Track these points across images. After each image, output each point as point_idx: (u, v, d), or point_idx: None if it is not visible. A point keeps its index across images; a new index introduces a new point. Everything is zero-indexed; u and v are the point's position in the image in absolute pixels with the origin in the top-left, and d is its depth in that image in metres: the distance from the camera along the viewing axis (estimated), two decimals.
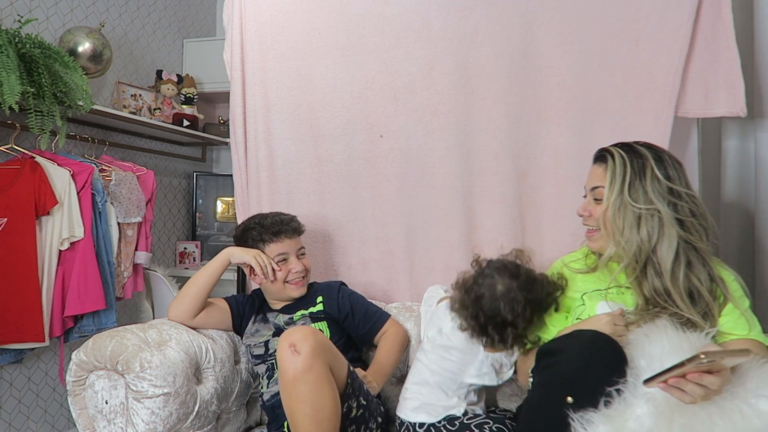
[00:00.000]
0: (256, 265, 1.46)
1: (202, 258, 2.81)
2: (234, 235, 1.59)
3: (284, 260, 1.51)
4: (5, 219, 1.72)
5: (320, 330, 1.47)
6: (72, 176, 1.84)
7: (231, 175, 1.95)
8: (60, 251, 1.83)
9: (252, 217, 1.58)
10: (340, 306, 1.54)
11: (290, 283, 1.52)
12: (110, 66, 2.18)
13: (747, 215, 1.77)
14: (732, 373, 0.93)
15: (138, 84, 2.51)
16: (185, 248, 2.79)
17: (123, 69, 2.45)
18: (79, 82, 1.79)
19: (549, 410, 1.01)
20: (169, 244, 2.77)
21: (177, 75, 2.60)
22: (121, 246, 2.06)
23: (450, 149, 1.69)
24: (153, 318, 2.25)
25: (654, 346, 0.99)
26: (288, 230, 1.52)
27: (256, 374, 1.52)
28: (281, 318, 1.53)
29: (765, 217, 1.65)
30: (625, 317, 1.14)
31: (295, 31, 1.79)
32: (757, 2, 1.64)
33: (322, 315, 1.52)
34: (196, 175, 2.85)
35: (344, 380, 1.21)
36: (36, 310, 1.74)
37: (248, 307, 1.57)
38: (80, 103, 1.82)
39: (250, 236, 1.52)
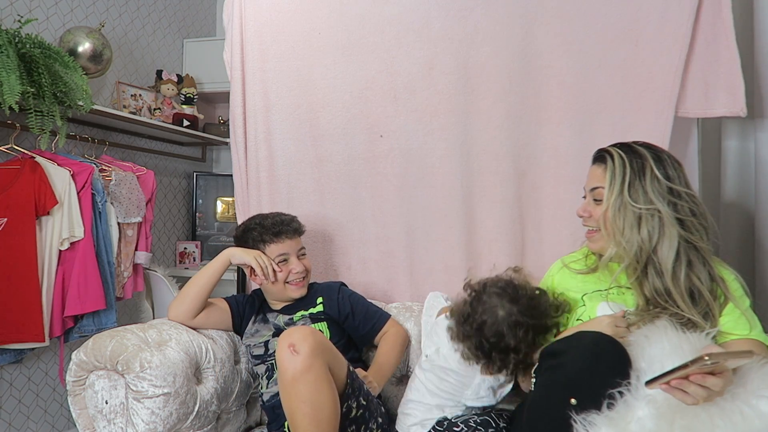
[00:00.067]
0: (257, 266, 1.46)
1: (202, 258, 2.81)
2: (234, 236, 1.59)
3: (285, 261, 1.51)
4: (5, 219, 1.72)
5: (320, 330, 1.47)
6: (72, 176, 1.83)
7: (231, 175, 1.95)
8: (60, 251, 1.83)
9: (252, 218, 1.58)
10: (340, 307, 1.54)
11: (290, 284, 1.52)
12: (110, 66, 2.18)
13: (747, 215, 1.76)
14: (733, 374, 0.93)
15: (138, 84, 2.51)
16: (185, 248, 2.79)
17: (123, 69, 2.45)
18: (79, 82, 1.79)
19: (552, 411, 1.01)
20: (169, 244, 2.77)
21: (177, 75, 2.60)
22: (121, 246, 2.06)
23: (450, 149, 1.69)
24: (153, 318, 2.24)
25: (654, 348, 0.99)
26: (288, 231, 1.52)
27: (256, 374, 1.52)
28: (281, 318, 1.53)
29: (765, 217, 1.65)
30: (626, 318, 1.14)
31: (295, 31, 1.79)
32: (757, 2, 1.64)
33: (322, 316, 1.52)
34: (196, 175, 2.84)
35: (344, 380, 1.21)
36: (36, 310, 1.74)
37: (248, 308, 1.57)
38: (80, 103, 1.82)
39: (251, 236, 1.52)
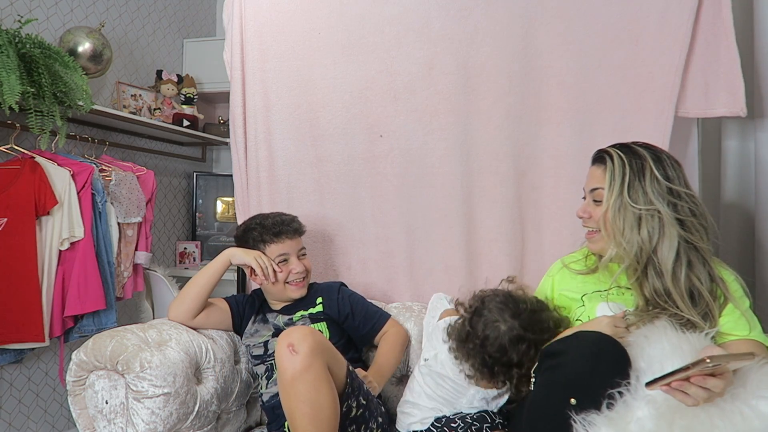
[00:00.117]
0: (257, 267, 1.46)
1: (202, 258, 2.81)
2: (235, 235, 1.59)
3: (285, 261, 1.51)
4: (5, 219, 1.72)
5: (319, 331, 1.47)
6: (72, 176, 1.83)
7: (231, 175, 1.95)
8: (60, 251, 1.83)
9: (253, 217, 1.58)
10: (340, 307, 1.54)
11: (291, 284, 1.52)
12: (110, 66, 2.18)
13: (747, 215, 1.76)
14: (733, 375, 0.93)
15: (138, 84, 2.51)
16: (185, 248, 2.79)
17: (123, 69, 2.45)
18: (79, 82, 1.79)
19: (552, 411, 1.01)
20: (169, 244, 2.77)
21: (177, 75, 2.60)
22: (121, 246, 2.06)
23: (450, 149, 1.69)
24: (153, 318, 2.25)
25: (654, 348, 0.99)
26: (289, 231, 1.52)
27: (256, 374, 1.52)
28: (281, 319, 1.53)
29: (765, 218, 1.65)
30: (626, 318, 1.14)
31: (295, 31, 1.79)
32: (757, 2, 1.64)
33: (322, 316, 1.52)
34: (196, 175, 2.84)
35: (343, 380, 1.21)
36: (36, 310, 1.74)
37: (248, 308, 1.57)
38: (80, 103, 1.82)
39: (251, 236, 1.52)
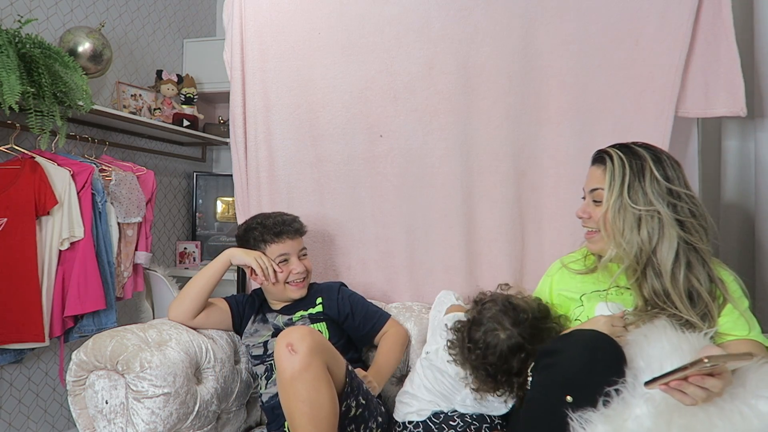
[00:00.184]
0: (257, 267, 1.46)
1: (202, 258, 2.81)
2: (236, 235, 1.59)
3: (285, 261, 1.51)
4: (5, 219, 1.72)
5: (319, 331, 1.47)
6: (72, 176, 1.84)
7: (231, 175, 1.95)
8: (60, 251, 1.83)
9: (254, 217, 1.58)
10: (340, 307, 1.54)
11: (291, 284, 1.52)
12: (110, 66, 2.18)
13: (747, 215, 1.76)
14: (732, 375, 0.93)
15: (138, 84, 2.51)
16: (185, 248, 2.79)
17: (123, 69, 2.45)
18: (79, 82, 1.79)
19: (549, 409, 1.01)
20: (169, 244, 2.77)
21: (177, 75, 2.60)
22: (121, 246, 2.06)
23: (450, 149, 1.69)
24: (153, 318, 2.25)
25: (653, 347, 0.99)
26: (290, 231, 1.52)
27: (256, 374, 1.52)
28: (280, 319, 1.53)
29: (765, 218, 1.65)
30: (625, 318, 1.14)
31: (295, 31, 1.79)
32: (757, 2, 1.64)
33: (322, 316, 1.52)
34: (196, 175, 2.84)
35: (342, 379, 1.21)
36: (36, 310, 1.74)
37: (248, 307, 1.57)
38: (80, 103, 1.82)
39: (252, 236, 1.52)
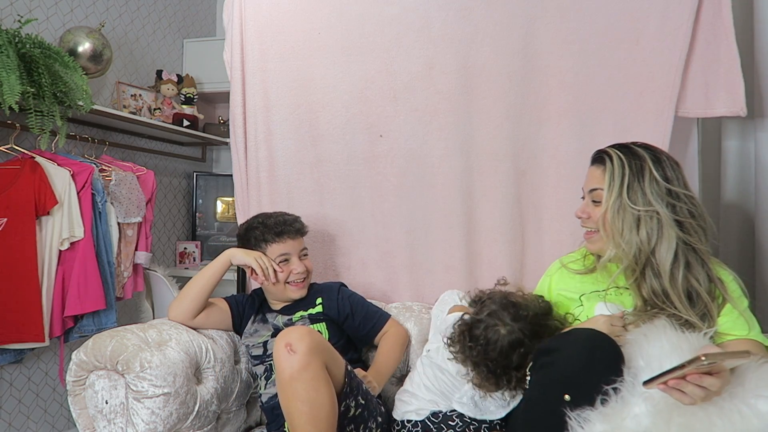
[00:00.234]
0: (257, 267, 1.46)
1: (202, 258, 2.81)
2: (237, 234, 1.59)
3: (286, 261, 1.51)
4: (5, 219, 1.72)
5: (319, 331, 1.46)
6: (72, 176, 1.84)
7: (231, 175, 1.95)
8: (60, 251, 1.83)
9: (256, 216, 1.58)
10: (340, 307, 1.54)
11: (291, 285, 1.52)
12: (110, 66, 2.18)
13: (747, 216, 1.76)
14: (731, 374, 0.93)
15: (138, 84, 2.51)
16: (185, 248, 2.79)
17: (123, 69, 2.45)
18: (79, 82, 1.79)
19: (547, 408, 1.01)
20: (169, 244, 2.77)
21: (177, 75, 2.60)
22: (121, 246, 2.06)
23: (450, 149, 1.69)
24: (153, 318, 2.25)
25: (653, 347, 0.99)
26: (291, 231, 1.52)
27: (255, 374, 1.52)
28: (280, 319, 1.53)
29: (765, 218, 1.65)
30: (624, 318, 1.14)
31: (295, 31, 1.79)
32: (757, 2, 1.64)
33: (322, 316, 1.52)
34: (196, 175, 2.85)
35: (341, 379, 1.21)
36: (36, 310, 1.74)
37: (248, 307, 1.57)
38: (80, 103, 1.82)
39: (253, 235, 1.52)
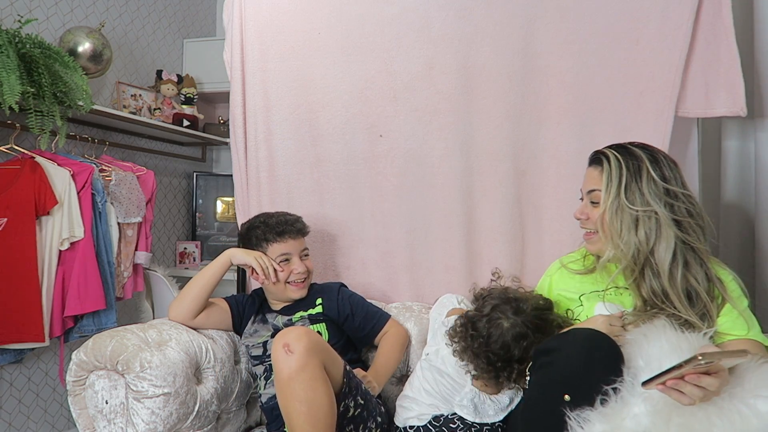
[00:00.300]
0: (258, 267, 1.46)
1: (202, 258, 2.81)
2: (239, 233, 1.59)
3: (287, 261, 1.51)
4: (5, 219, 1.72)
5: (318, 332, 1.46)
6: (72, 176, 1.84)
7: (231, 175, 1.95)
8: (60, 251, 1.83)
9: (257, 216, 1.58)
10: (340, 308, 1.54)
11: (291, 285, 1.52)
12: (110, 66, 2.18)
13: (747, 215, 1.76)
14: (730, 374, 0.93)
15: (138, 84, 2.51)
16: (185, 248, 2.79)
17: (123, 69, 2.45)
18: (79, 82, 1.79)
19: (546, 408, 1.01)
20: (169, 244, 2.77)
21: (177, 75, 2.60)
22: (121, 246, 2.06)
23: (450, 149, 1.69)
24: (153, 318, 2.25)
25: (653, 346, 0.99)
26: (292, 231, 1.52)
27: (255, 375, 1.52)
28: (280, 319, 1.53)
29: (765, 218, 1.65)
30: (623, 318, 1.14)
31: (295, 31, 1.79)
32: (757, 2, 1.64)
33: (321, 317, 1.52)
34: (196, 175, 2.85)
35: (340, 380, 1.21)
36: (36, 310, 1.75)
37: (248, 307, 1.57)
38: (80, 103, 1.82)
39: (255, 234, 1.52)
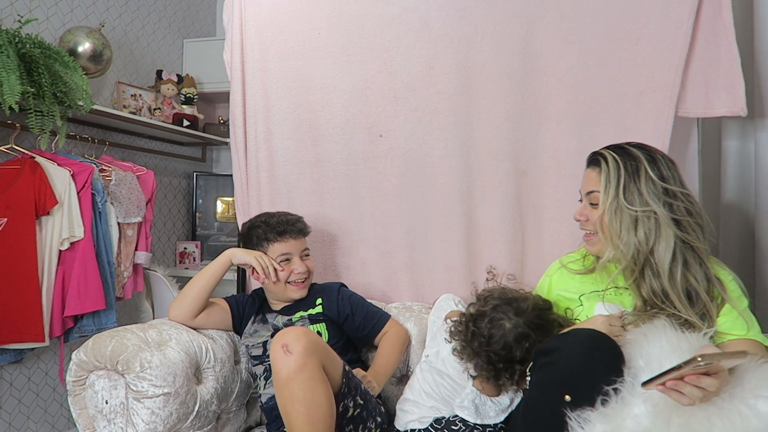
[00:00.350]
0: (258, 266, 1.46)
1: (202, 258, 2.81)
2: (240, 233, 1.59)
3: (287, 260, 1.51)
4: (5, 219, 1.72)
5: (318, 332, 1.47)
6: (72, 176, 1.84)
7: (231, 175, 1.95)
8: (60, 251, 1.83)
9: (259, 216, 1.58)
10: (340, 308, 1.54)
11: (292, 284, 1.52)
12: (110, 66, 2.18)
13: (747, 215, 1.76)
14: (730, 374, 0.93)
15: (138, 84, 2.51)
16: (185, 248, 2.79)
17: (123, 69, 2.45)
18: (79, 82, 1.79)
19: (547, 409, 1.01)
20: (169, 244, 2.77)
21: (177, 75, 2.60)
22: (121, 246, 2.06)
23: (450, 149, 1.69)
24: (153, 318, 2.25)
25: (653, 346, 0.99)
26: (293, 231, 1.52)
27: (255, 375, 1.52)
28: (280, 319, 1.53)
29: (765, 217, 1.65)
30: (623, 318, 1.14)
31: (295, 31, 1.79)
32: (757, 2, 1.64)
33: (321, 317, 1.52)
34: (196, 175, 2.85)
35: (339, 380, 1.21)
36: (36, 310, 1.75)
37: (248, 307, 1.57)
38: (80, 103, 1.82)
39: (256, 234, 1.52)
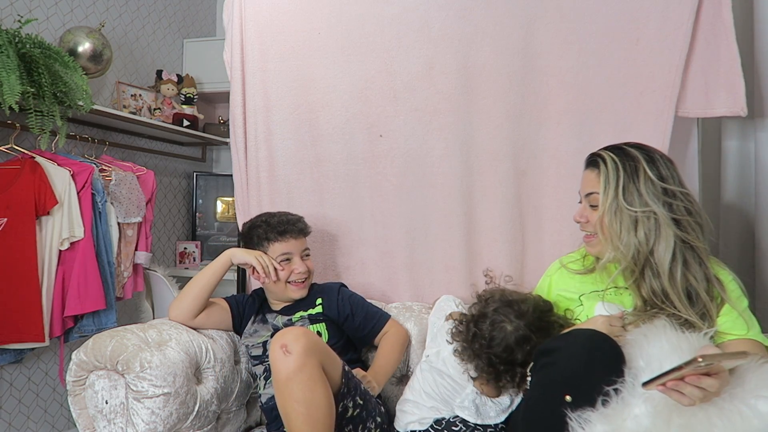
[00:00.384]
0: (258, 266, 1.46)
1: (202, 258, 2.81)
2: (240, 232, 1.59)
3: (288, 260, 1.51)
4: (5, 219, 1.72)
5: (318, 332, 1.47)
6: (72, 176, 1.84)
7: (231, 175, 1.95)
8: (60, 251, 1.83)
9: (259, 215, 1.58)
10: (340, 308, 1.54)
11: (292, 284, 1.52)
12: (110, 66, 2.18)
13: (747, 215, 1.76)
14: (731, 374, 0.93)
15: (138, 84, 2.51)
16: (185, 248, 2.79)
17: (123, 69, 2.45)
18: (79, 82, 1.80)
19: (547, 409, 1.01)
20: (169, 244, 2.77)
21: (177, 75, 2.60)
22: (121, 246, 2.06)
23: (450, 149, 1.69)
24: (153, 318, 2.25)
25: (653, 347, 0.99)
26: (294, 230, 1.52)
27: (255, 375, 1.52)
28: (280, 319, 1.53)
29: (765, 217, 1.65)
30: (624, 318, 1.14)
31: (295, 31, 1.79)
32: (757, 2, 1.64)
33: (321, 317, 1.52)
34: (196, 175, 2.85)
35: (338, 380, 1.21)
36: (36, 310, 1.75)
37: (248, 307, 1.57)
38: (80, 103, 1.82)
39: (256, 233, 1.52)
